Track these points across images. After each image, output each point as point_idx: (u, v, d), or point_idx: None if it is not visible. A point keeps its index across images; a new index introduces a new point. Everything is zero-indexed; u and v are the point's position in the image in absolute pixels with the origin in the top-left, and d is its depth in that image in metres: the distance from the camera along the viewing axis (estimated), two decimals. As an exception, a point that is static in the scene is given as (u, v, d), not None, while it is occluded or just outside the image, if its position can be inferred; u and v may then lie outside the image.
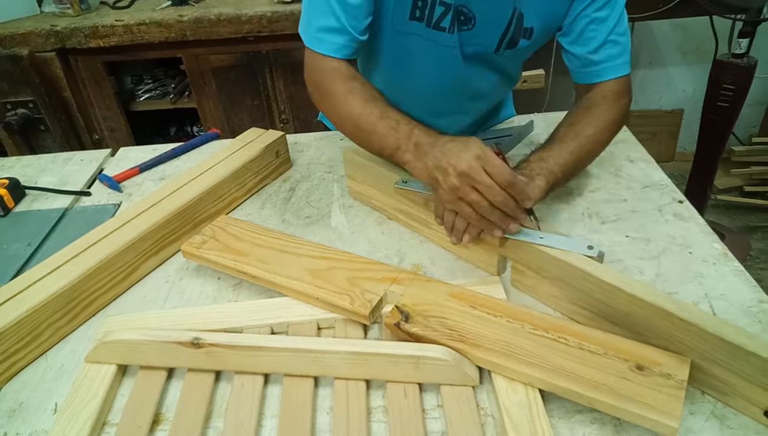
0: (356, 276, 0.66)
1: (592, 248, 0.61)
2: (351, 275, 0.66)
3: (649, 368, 0.52)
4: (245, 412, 0.55)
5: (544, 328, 0.57)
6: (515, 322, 0.58)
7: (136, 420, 0.55)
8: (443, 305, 0.60)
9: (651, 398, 0.49)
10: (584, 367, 0.53)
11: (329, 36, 0.75)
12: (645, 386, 0.50)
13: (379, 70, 0.89)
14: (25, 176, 1.03)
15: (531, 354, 0.55)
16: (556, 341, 0.56)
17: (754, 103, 2.26)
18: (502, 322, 0.58)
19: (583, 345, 0.55)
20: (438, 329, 0.58)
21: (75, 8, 1.80)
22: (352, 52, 0.77)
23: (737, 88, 1.56)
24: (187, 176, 0.85)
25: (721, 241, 0.74)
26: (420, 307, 0.60)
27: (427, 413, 0.55)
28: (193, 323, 0.64)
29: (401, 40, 0.81)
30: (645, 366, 0.52)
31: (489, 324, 0.58)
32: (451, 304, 0.60)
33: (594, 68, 0.79)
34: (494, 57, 0.83)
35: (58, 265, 0.69)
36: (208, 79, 1.85)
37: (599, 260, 0.61)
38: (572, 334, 0.56)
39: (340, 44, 0.75)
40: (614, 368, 0.52)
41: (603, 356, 0.54)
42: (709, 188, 1.80)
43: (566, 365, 0.53)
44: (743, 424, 0.52)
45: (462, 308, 0.60)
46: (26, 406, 0.60)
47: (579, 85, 0.83)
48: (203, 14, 1.70)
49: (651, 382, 0.51)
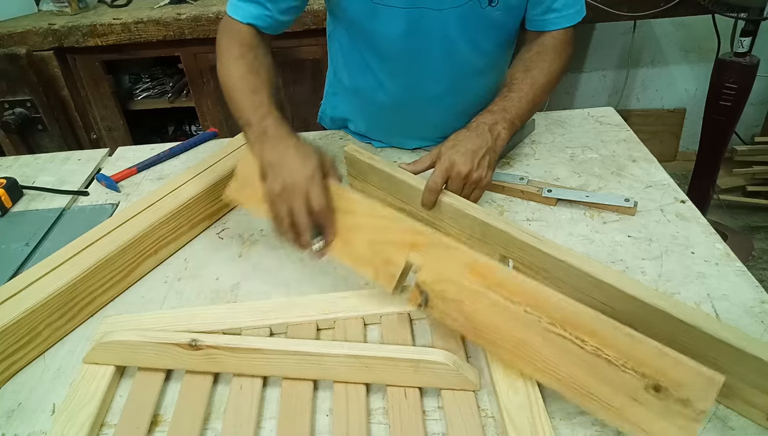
0: (377, 239, 0.64)
1: (628, 200, 0.78)
2: (372, 236, 0.64)
3: (668, 389, 0.46)
4: (244, 413, 0.55)
5: (562, 324, 0.52)
6: (533, 312, 0.53)
7: (134, 421, 0.55)
8: (461, 284, 0.57)
9: (658, 429, 0.46)
10: (595, 381, 0.49)
11: (246, 5, 0.81)
12: (656, 412, 0.46)
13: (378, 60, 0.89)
14: (23, 176, 1.02)
15: (543, 359, 0.52)
16: (572, 343, 0.51)
17: (756, 102, 2.25)
18: (520, 311, 0.54)
19: (600, 352, 0.50)
20: (456, 317, 0.57)
21: (73, 7, 1.79)
22: (266, 25, 0.82)
23: (740, 87, 1.55)
24: (186, 176, 0.85)
25: (723, 241, 0.73)
26: (438, 286, 0.59)
27: (427, 414, 0.55)
28: (192, 323, 0.63)
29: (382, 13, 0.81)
30: (663, 387, 0.46)
31: (505, 314, 0.54)
32: (468, 284, 0.57)
33: (552, 15, 0.84)
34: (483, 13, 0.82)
35: (56, 265, 0.68)
36: (206, 78, 1.85)
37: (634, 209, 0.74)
38: (591, 334, 0.50)
39: (255, 14, 0.80)
40: (628, 386, 0.48)
41: (619, 367, 0.49)
42: (712, 188, 1.79)
43: (577, 377, 0.50)
44: (745, 425, 0.52)
45: (479, 290, 0.56)
46: (24, 407, 0.59)
47: (531, 31, 0.87)
48: (202, 12, 1.69)
49: (664, 408, 0.46)
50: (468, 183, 0.72)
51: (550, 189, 0.83)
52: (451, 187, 0.72)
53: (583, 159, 0.94)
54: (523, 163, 0.93)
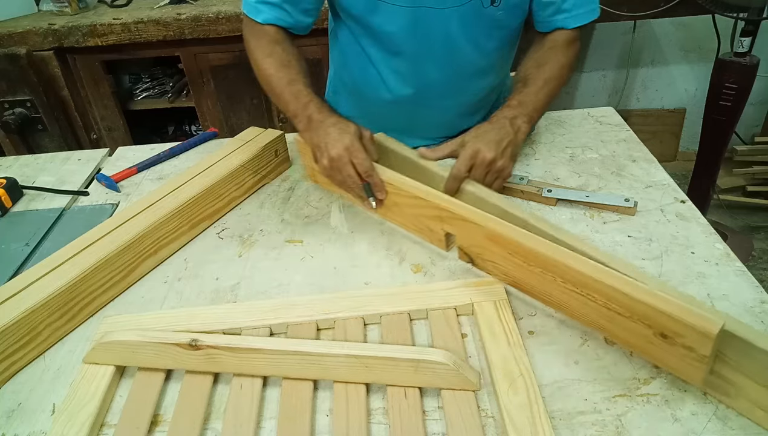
0: (416, 214, 0.74)
1: (628, 201, 0.79)
2: (411, 211, 0.75)
3: (672, 338, 0.52)
4: (244, 413, 0.55)
5: (573, 283, 0.58)
6: (547, 273, 0.60)
7: (134, 421, 0.55)
8: (489, 248, 0.66)
9: (675, 365, 0.53)
10: (613, 326, 0.56)
11: (266, 8, 0.83)
12: (669, 352, 0.53)
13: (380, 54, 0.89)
14: (23, 176, 1.02)
15: (573, 309, 0.60)
16: (584, 298, 0.57)
17: (756, 102, 2.25)
18: (537, 272, 0.61)
19: (609, 305, 0.55)
20: (497, 273, 0.67)
21: (73, 6, 1.79)
22: (287, 26, 0.85)
23: (739, 87, 1.55)
24: (186, 176, 0.85)
25: (723, 241, 0.73)
26: (474, 249, 0.69)
27: (427, 414, 0.55)
28: (192, 323, 0.64)
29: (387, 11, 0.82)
30: (668, 336, 0.52)
31: (529, 274, 0.62)
32: (493, 248, 0.65)
33: (561, 16, 0.85)
34: (485, 12, 0.83)
35: (56, 265, 0.68)
36: (206, 78, 1.85)
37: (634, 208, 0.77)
38: (597, 292, 0.56)
39: (275, 16, 0.83)
40: (640, 332, 0.54)
41: (629, 319, 0.54)
42: (712, 188, 1.79)
43: (599, 322, 0.58)
44: (745, 425, 0.52)
45: (502, 254, 0.65)
46: (24, 407, 0.59)
47: (540, 32, 0.88)
48: (202, 12, 1.69)
49: (674, 351, 0.52)
50: (491, 171, 0.74)
51: (550, 189, 0.83)
52: (474, 174, 0.74)
53: (583, 159, 0.94)
54: (523, 163, 0.93)
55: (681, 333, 0.51)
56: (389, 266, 0.74)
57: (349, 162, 0.73)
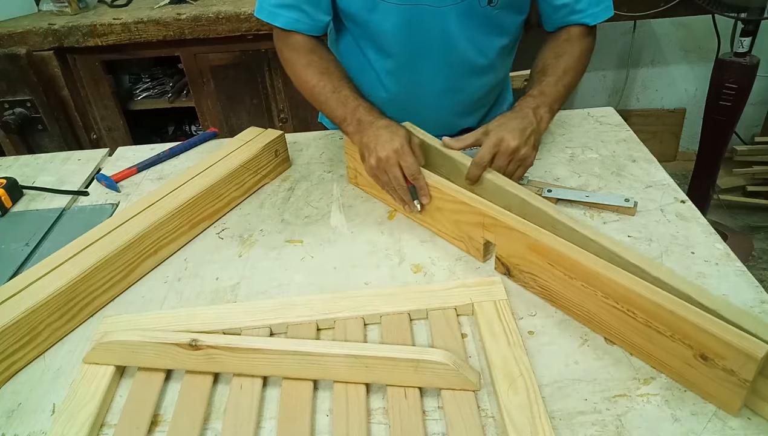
0: (458, 220, 0.73)
1: (628, 201, 0.79)
2: (453, 217, 0.74)
3: (713, 360, 0.50)
4: (244, 413, 0.55)
5: (615, 298, 0.57)
6: (588, 287, 0.59)
7: (134, 421, 0.55)
8: (529, 260, 0.65)
9: (713, 390, 0.52)
10: (652, 345, 0.55)
11: (284, 11, 0.83)
12: (708, 376, 0.51)
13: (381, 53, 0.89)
14: (23, 176, 1.02)
15: (610, 326, 0.59)
16: (625, 314, 0.56)
17: (756, 102, 2.25)
18: (578, 285, 0.60)
19: (650, 323, 0.54)
20: (534, 286, 0.66)
21: (73, 6, 1.79)
22: (308, 28, 0.85)
23: (739, 87, 1.55)
24: (186, 176, 0.85)
25: (723, 241, 0.73)
26: (513, 260, 0.68)
27: (427, 414, 0.55)
28: (192, 323, 0.64)
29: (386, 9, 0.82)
30: (709, 357, 0.51)
31: (569, 287, 0.61)
32: (533, 259, 0.64)
33: (575, 17, 0.85)
34: (483, 11, 0.83)
35: (56, 265, 0.68)
36: (206, 78, 1.85)
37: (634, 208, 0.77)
38: (640, 308, 0.55)
39: (294, 18, 0.83)
40: (679, 353, 0.53)
41: (669, 338, 0.53)
42: (712, 188, 1.79)
43: (637, 342, 0.57)
44: (745, 425, 0.52)
45: (543, 265, 0.63)
46: (24, 407, 0.59)
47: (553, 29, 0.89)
48: (202, 12, 1.69)
49: (714, 374, 0.51)
50: (514, 159, 0.74)
51: (550, 189, 0.83)
52: (497, 162, 0.74)
53: (583, 159, 0.94)
54: (523, 163, 0.93)
55: (723, 355, 0.49)
56: (389, 266, 0.74)
57: (396, 164, 0.74)
